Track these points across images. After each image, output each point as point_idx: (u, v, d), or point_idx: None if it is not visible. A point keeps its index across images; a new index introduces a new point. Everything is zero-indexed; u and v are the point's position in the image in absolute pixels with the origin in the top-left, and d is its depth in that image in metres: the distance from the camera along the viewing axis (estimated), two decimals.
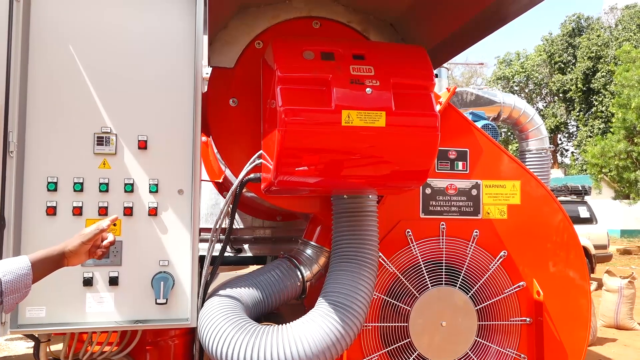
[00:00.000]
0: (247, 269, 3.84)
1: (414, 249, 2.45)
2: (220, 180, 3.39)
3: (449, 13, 2.22)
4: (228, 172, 2.89)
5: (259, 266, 2.92)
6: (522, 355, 2.52)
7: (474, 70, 35.75)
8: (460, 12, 2.16)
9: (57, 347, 2.41)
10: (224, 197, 3.50)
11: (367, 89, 1.84)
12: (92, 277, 1.98)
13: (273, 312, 2.37)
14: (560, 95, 31.87)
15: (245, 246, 3.63)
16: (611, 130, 18.39)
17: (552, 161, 5.07)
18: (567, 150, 33.60)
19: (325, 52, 1.90)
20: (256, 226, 3.67)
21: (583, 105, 30.64)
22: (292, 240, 3.60)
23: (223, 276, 2.63)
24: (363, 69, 1.88)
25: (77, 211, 1.98)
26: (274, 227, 3.67)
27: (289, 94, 1.82)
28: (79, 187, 1.99)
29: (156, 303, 2.00)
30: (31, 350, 5.45)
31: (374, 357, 2.40)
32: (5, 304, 1.39)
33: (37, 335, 2.27)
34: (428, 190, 2.51)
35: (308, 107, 1.81)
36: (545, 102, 33.78)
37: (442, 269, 2.46)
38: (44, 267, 1.49)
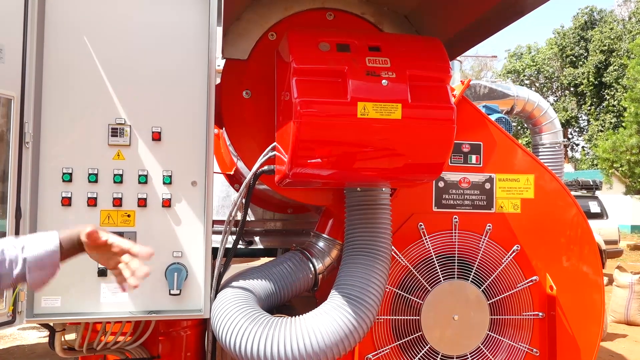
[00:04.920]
0: (258, 261, 3.86)
1: (427, 242, 2.44)
2: (232, 173, 3.39)
3: (465, 5, 2.20)
4: (240, 164, 2.89)
5: (270, 258, 2.94)
6: (535, 350, 2.51)
7: (484, 64, 35.48)
8: (476, 4, 2.14)
9: (72, 336, 2.43)
10: (235, 190, 3.52)
11: (383, 81, 1.83)
12: (106, 268, 1.99)
13: (285, 304, 2.38)
14: (572, 89, 31.56)
15: (256, 238, 3.64)
16: (623, 124, 18.16)
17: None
18: (577, 145, 33.32)
19: (340, 43, 1.88)
20: (267, 219, 3.68)
21: (594, 99, 30.32)
22: (302, 232, 3.61)
23: (234, 268, 2.64)
24: (379, 60, 1.86)
25: (92, 202, 1.99)
26: (285, 219, 3.68)
27: (305, 85, 1.81)
28: (93, 178, 2.00)
29: (170, 294, 2.01)
30: (43, 340, 5.54)
31: (385, 350, 2.40)
32: (31, 281, 1.32)
33: (52, 325, 2.29)
34: (441, 184, 2.50)
35: (323, 99, 1.81)
36: (556, 96, 33.46)
37: (454, 262, 2.46)
38: (72, 248, 1.38)
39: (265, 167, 2.16)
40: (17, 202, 1.88)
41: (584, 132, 32.14)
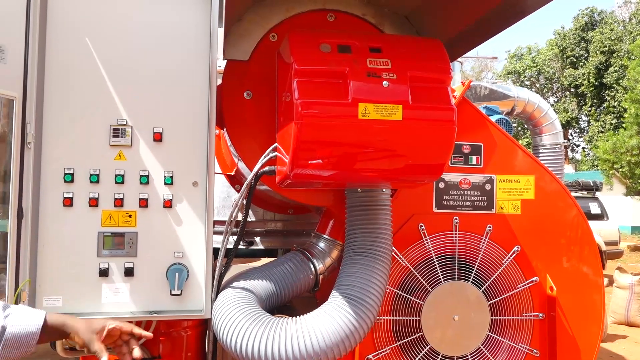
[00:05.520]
0: (259, 262, 3.86)
1: (427, 243, 2.45)
2: (232, 173, 3.40)
3: (466, 6, 2.20)
4: (241, 165, 2.90)
5: (271, 259, 2.94)
6: (535, 351, 2.51)
7: (484, 65, 35.46)
8: (477, 5, 2.14)
9: None
10: (236, 190, 3.53)
11: (384, 82, 1.84)
12: (107, 268, 2.00)
13: (286, 304, 2.39)
14: (572, 90, 31.57)
15: (257, 239, 3.65)
16: (623, 125, 18.19)
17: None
18: (578, 146, 33.33)
19: (341, 45, 1.89)
20: (267, 219, 3.69)
21: (595, 101, 30.34)
22: (303, 233, 3.61)
23: (234, 269, 2.65)
24: (380, 62, 1.87)
25: (94, 202, 2.00)
26: (285, 220, 3.68)
27: (306, 86, 1.82)
28: (95, 179, 2.01)
29: (171, 294, 2.01)
30: None
31: (385, 350, 2.40)
32: (2, 356, 1.33)
33: None
34: (441, 185, 2.50)
35: (324, 100, 1.81)
36: (557, 97, 33.48)
37: (454, 263, 2.46)
38: (53, 334, 1.44)
39: (267, 168, 2.17)
40: (19, 202, 1.88)
41: (585, 133, 32.15)
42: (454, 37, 2.45)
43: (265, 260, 3.31)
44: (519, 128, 28.15)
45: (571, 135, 32.95)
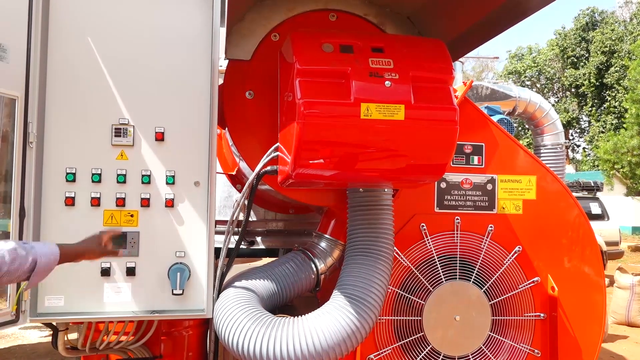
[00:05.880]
0: (260, 262, 3.87)
1: (428, 243, 2.45)
2: (234, 173, 3.40)
3: (468, 6, 2.20)
4: (242, 165, 2.90)
5: (272, 259, 2.94)
6: (536, 351, 2.51)
7: (485, 65, 35.40)
8: (479, 5, 2.14)
9: (74, 335, 2.43)
10: (237, 190, 3.53)
11: (386, 82, 1.84)
12: (109, 268, 2.01)
13: (287, 304, 2.39)
14: (573, 90, 31.53)
15: (258, 239, 3.65)
16: (624, 126, 18.20)
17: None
18: (578, 146, 33.28)
19: (344, 45, 1.89)
20: (269, 219, 3.69)
21: (596, 101, 30.30)
22: (304, 233, 3.62)
23: (235, 268, 2.65)
24: (382, 62, 1.87)
25: (95, 202, 2.00)
26: (287, 219, 3.69)
27: (308, 86, 1.82)
28: (97, 178, 2.01)
29: (172, 294, 2.02)
30: (44, 339, 5.54)
31: (387, 350, 2.40)
32: (31, 282, 1.52)
33: (55, 324, 2.30)
34: (443, 185, 2.50)
35: (327, 100, 1.81)
36: (557, 97, 33.43)
37: (456, 263, 2.46)
38: (66, 259, 1.62)
39: (268, 168, 2.17)
40: (21, 201, 1.88)
41: (585, 133, 32.11)
42: (456, 37, 2.45)
43: (266, 260, 3.31)
44: (520, 128, 28.12)
45: (572, 135, 32.90)
